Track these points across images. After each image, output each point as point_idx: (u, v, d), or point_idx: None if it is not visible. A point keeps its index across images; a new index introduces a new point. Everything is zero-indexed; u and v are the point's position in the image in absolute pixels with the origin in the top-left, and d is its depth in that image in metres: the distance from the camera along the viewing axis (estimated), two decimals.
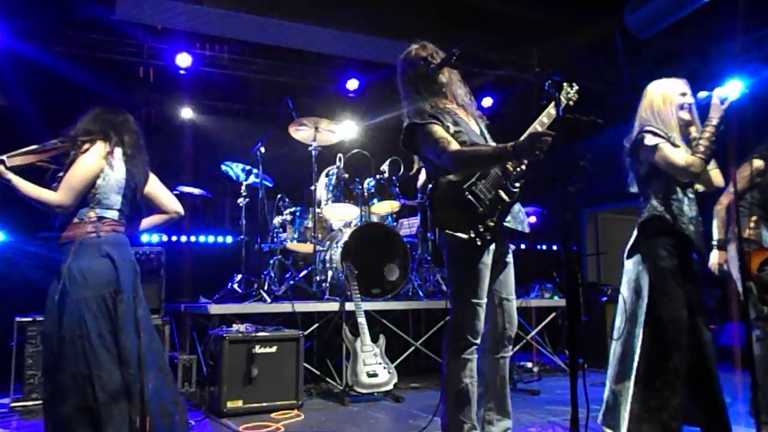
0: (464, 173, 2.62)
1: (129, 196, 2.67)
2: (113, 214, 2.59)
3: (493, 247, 2.63)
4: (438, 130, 2.63)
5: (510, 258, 2.79)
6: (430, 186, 2.77)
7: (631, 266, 2.91)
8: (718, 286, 5.52)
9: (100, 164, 2.56)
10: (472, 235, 2.56)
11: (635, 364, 2.76)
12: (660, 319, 2.72)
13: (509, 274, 2.78)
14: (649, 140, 2.81)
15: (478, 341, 2.62)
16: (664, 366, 2.69)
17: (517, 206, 2.74)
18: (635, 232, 2.92)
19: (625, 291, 2.90)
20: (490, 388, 2.71)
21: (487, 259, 2.62)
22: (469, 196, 2.59)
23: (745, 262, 3.35)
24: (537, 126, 2.60)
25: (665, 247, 2.78)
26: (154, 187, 2.84)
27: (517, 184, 2.65)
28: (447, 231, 2.59)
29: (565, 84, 2.50)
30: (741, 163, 3.67)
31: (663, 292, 2.74)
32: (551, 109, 2.56)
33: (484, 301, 2.62)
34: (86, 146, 2.56)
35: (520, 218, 2.76)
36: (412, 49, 2.81)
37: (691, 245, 2.83)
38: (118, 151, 2.63)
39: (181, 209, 2.91)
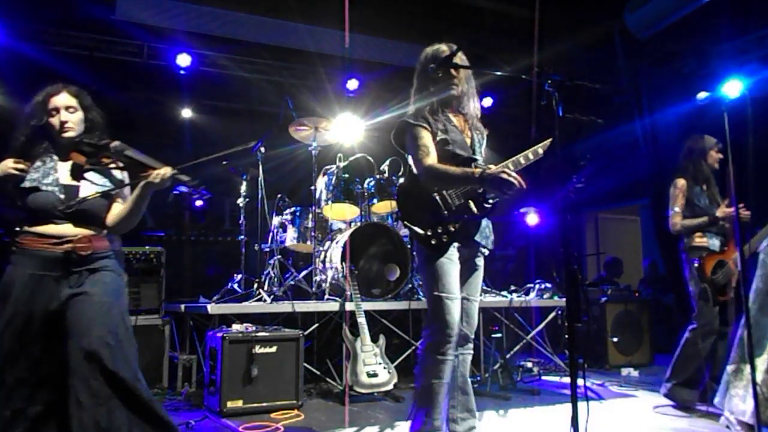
0: (431, 185, 2.68)
1: None
2: None
3: (457, 246, 2.68)
4: (424, 136, 2.70)
5: (480, 262, 2.83)
6: (403, 180, 2.81)
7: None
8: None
9: None
10: (429, 233, 2.63)
11: None
12: None
13: (477, 276, 2.83)
14: None
15: (453, 337, 2.61)
16: None
17: (485, 222, 2.80)
18: None
19: (760, 282, 3.29)
20: (451, 386, 2.72)
21: (453, 255, 2.67)
22: (437, 197, 2.67)
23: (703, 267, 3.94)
24: (530, 155, 2.71)
25: None
26: None
27: (491, 201, 2.70)
28: (405, 222, 2.69)
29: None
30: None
31: None
32: (546, 143, 2.70)
33: (454, 295, 2.63)
34: None
35: (486, 234, 2.82)
36: (442, 49, 2.79)
37: None
38: None
39: None
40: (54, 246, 2.33)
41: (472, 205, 2.68)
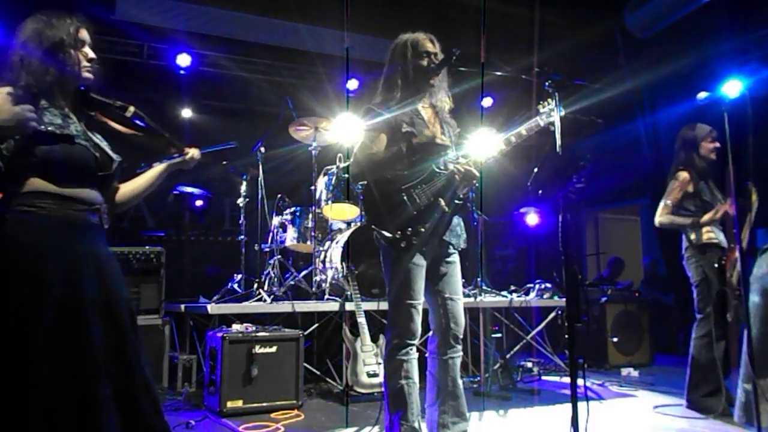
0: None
1: None
2: None
3: (426, 249, 2.61)
4: (378, 130, 2.64)
5: (454, 258, 2.75)
6: (366, 181, 2.71)
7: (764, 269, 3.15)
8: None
9: None
10: (398, 236, 2.55)
11: None
12: None
13: (454, 274, 2.73)
14: None
15: (414, 342, 2.61)
16: None
17: (456, 219, 2.73)
18: None
19: (756, 296, 3.14)
20: (442, 391, 2.68)
21: (420, 260, 2.60)
22: (404, 197, 2.57)
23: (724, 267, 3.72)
24: (523, 131, 2.66)
25: None
26: None
27: (461, 196, 2.64)
28: (373, 227, 2.61)
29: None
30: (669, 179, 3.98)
31: None
32: (532, 123, 2.66)
33: (418, 301, 2.60)
34: None
35: (457, 232, 2.74)
36: (419, 38, 2.75)
37: None
38: None
39: None
40: (83, 213, 1.87)
41: (441, 202, 2.60)
